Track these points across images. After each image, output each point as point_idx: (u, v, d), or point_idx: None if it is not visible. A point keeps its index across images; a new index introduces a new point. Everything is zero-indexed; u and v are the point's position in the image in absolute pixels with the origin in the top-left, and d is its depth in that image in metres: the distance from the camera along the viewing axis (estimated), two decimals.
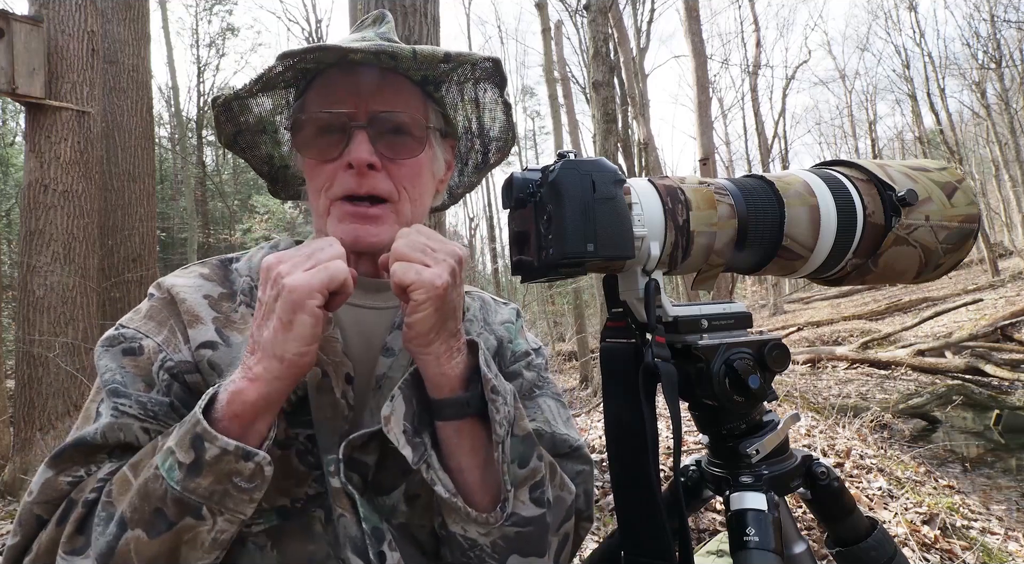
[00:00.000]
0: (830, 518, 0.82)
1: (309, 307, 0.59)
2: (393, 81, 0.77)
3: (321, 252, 0.63)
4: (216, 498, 0.59)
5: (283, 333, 0.60)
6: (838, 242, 0.78)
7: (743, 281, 24.85)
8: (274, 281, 0.61)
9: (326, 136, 0.75)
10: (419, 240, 0.66)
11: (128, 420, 0.68)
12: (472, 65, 0.79)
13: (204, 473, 0.58)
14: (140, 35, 6.29)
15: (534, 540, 0.72)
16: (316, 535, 0.71)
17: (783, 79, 43.91)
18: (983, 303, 12.46)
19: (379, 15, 0.86)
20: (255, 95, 0.81)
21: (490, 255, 22.08)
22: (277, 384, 0.61)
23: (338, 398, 0.72)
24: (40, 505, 0.65)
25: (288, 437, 0.71)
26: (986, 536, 3.11)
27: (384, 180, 0.75)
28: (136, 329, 0.74)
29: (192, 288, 0.77)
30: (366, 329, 0.81)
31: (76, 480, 0.66)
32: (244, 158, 0.90)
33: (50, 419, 4.46)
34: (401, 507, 0.75)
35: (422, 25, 2.93)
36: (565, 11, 19.48)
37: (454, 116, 0.87)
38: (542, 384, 0.90)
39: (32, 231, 4.63)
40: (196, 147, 21.49)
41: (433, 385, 0.69)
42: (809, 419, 4.91)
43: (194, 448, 0.58)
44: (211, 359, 0.72)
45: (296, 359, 0.60)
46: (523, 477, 0.71)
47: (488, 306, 0.94)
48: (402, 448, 0.66)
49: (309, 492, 0.72)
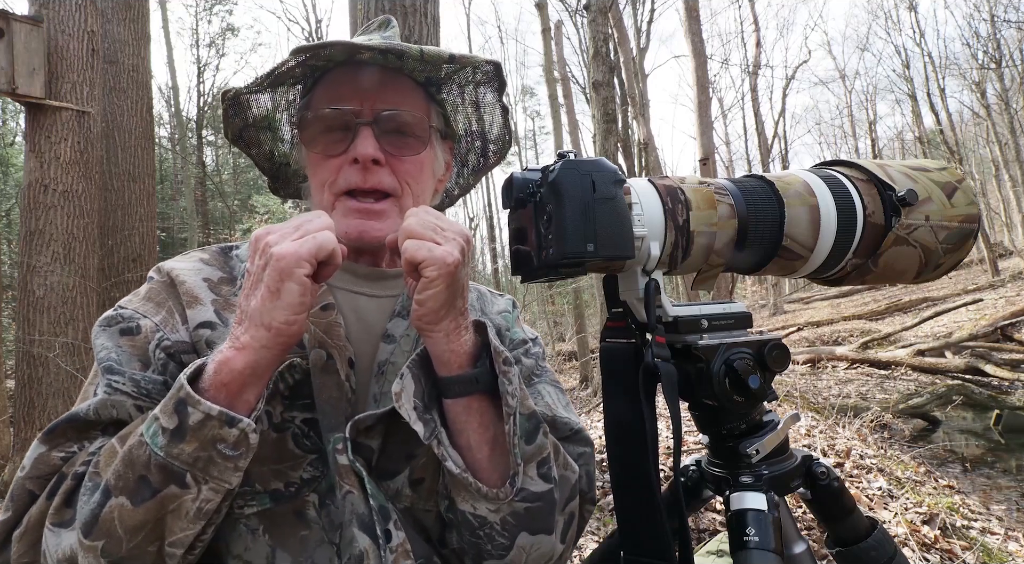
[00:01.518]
0: (830, 518, 0.82)
1: (297, 275, 0.59)
2: (397, 81, 0.79)
3: (309, 223, 0.63)
4: (200, 465, 0.59)
5: (271, 301, 0.60)
6: (838, 242, 0.78)
7: (743, 281, 24.84)
8: (262, 251, 0.61)
9: (332, 132, 0.77)
10: (429, 219, 0.66)
11: (121, 397, 0.68)
12: (474, 67, 0.81)
13: (188, 438, 0.58)
14: (140, 35, 6.29)
15: (542, 516, 0.73)
16: (309, 519, 0.71)
17: (783, 79, 43.90)
18: (983, 303, 12.45)
19: (384, 20, 0.88)
20: (264, 90, 0.83)
21: (490, 255, 22.07)
22: (264, 353, 0.61)
23: (343, 379, 0.73)
24: (32, 480, 0.65)
25: (284, 420, 0.72)
26: (986, 536, 3.11)
27: (388, 175, 0.77)
28: (134, 310, 0.74)
29: (192, 271, 0.78)
30: (366, 317, 0.81)
31: (68, 455, 0.66)
32: (248, 154, 0.91)
33: (50, 419, 4.45)
34: (405, 491, 0.76)
35: (422, 25, 2.93)
36: (565, 11, 19.50)
37: (454, 118, 0.89)
38: (540, 372, 0.91)
39: (32, 231, 4.63)
40: (196, 147, 21.48)
41: (441, 362, 0.69)
42: (809, 419, 4.92)
43: (177, 413, 0.58)
44: (209, 339, 0.73)
45: (283, 327, 0.60)
46: (530, 453, 0.72)
47: (485, 298, 0.96)
48: (414, 424, 0.67)
49: (304, 475, 0.72)
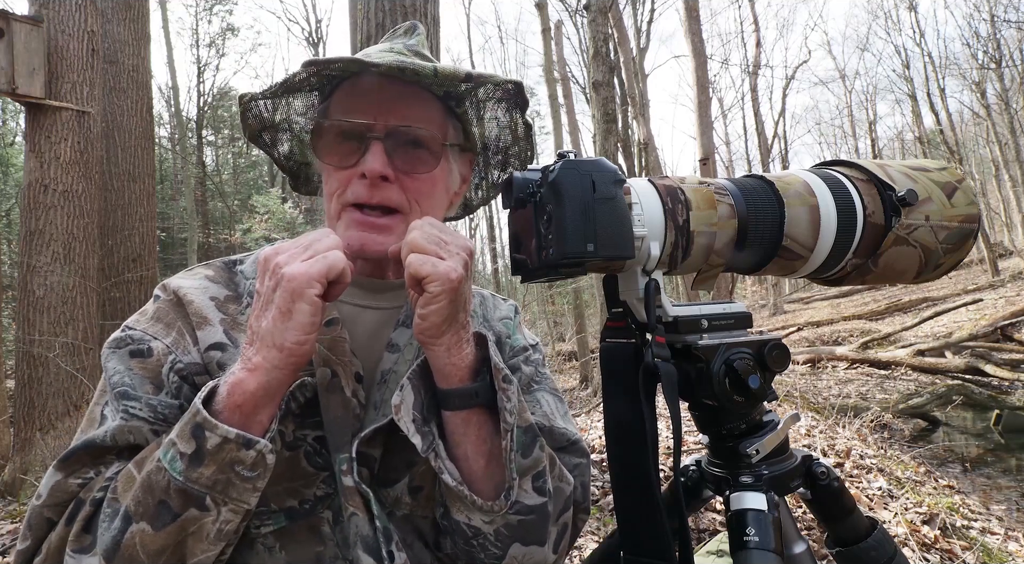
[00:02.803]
0: (830, 518, 0.82)
1: (308, 296, 0.59)
2: (415, 94, 0.78)
3: (319, 243, 0.63)
4: (219, 487, 0.59)
5: (282, 322, 0.60)
6: (838, 242, 0.78)
7: (743, 281, 24.84)
8: (272, 271, 0.62)
9: (344, 143, 0.77)
10: (433, 232, 0.66)
11: (138, 423, 0.68)
12: (495, 86, 0.80)
13: (206, 462, 0.58)
14: (140, 35, 6.29)
15: (535, 528, 0.73)
16: (324, 536, 0.71)
17: (783, 79, 43.95)
18: (983, 303, 12.44)
19: (411, 27, 0.88)
20: (280, 96, 0.83)
21: (490, 255, 22.06)
22: (277, 373, 0.61)
23: (349, 396, 0.73)
24: (50, 508, 0.65)
25: (296, 438, 0.72)
26: (986, 536, 3.11)
27: (396, 192, 0.77)
28: (144, 331, 0.74)
29: (198, 290, 0.77)
30: (369, 329, 0.81)
31: (85, 481, 0.66)
32: (268, 153, 0.91)
33: (50, 419, 4.46)
34: (405, 499, 0.76)
35: (422, 25, 2.93)
36: (565, 11, 19.51)
37: (474, 131, 0.87)
38: (540, 379, 0.91)
39: (32, 231, 4.63)
40: (196, 147, 21.48)
41: (442, 375, 0.69)
42: (809, 419, 4.91)
43: (195, 438, 0.59)
44: (220, 360, 0.72)
45: (295, 347, 0.60)
46: (526, 467, 0.72)
47: (487, 302, 0.95)
48: (412, 436, 0.67)
49: (317, 493, 0.72)
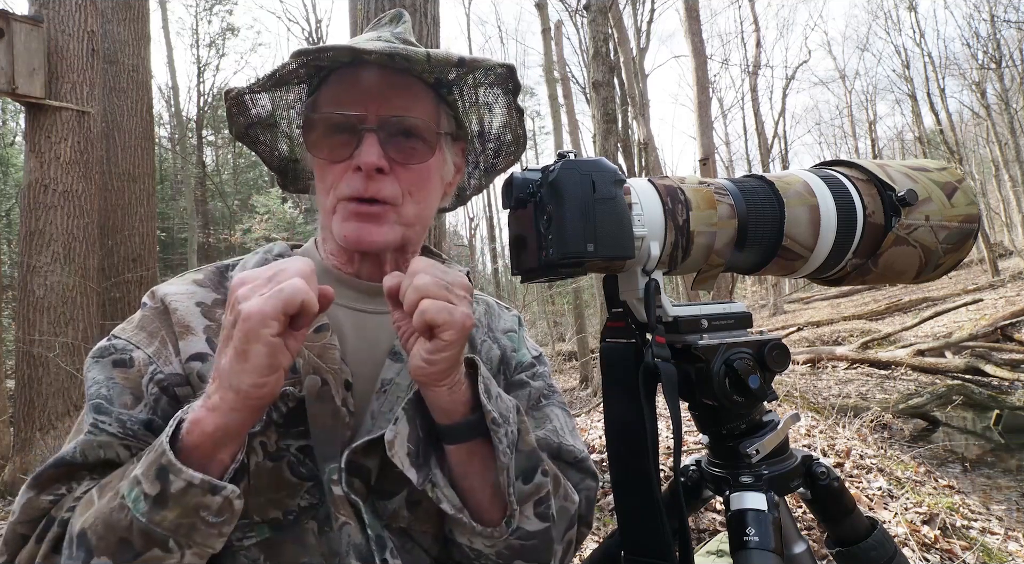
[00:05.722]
0: (830, 518, 0.82)
1: (263, 337, 0.55)
2: (406, 83, 0.77)
3: (283, 273, 0.58)
4: (183, 531, 0.57)
5: (238, 363, 0.56)
6: (838, 242, 0.78)
7: (743, 281, 24.84)
8: (232, 305, 0.58)
9: (336, 137, 0.75)
10: (438, 275, 0.63)
11: (107, 438, 0.66)
12: (486, 70, 0.77)
13: (170, 506, 0.56)
14: (140, 35, 6.29)
15: (538, 551, 0.73)
16: (309, 547, 0.70)
17: (783, 79, 43.94)
18: (983, 303, 12.43)
19: (396, 14, 0.85)
20: (268, 90, 0.81)
21: (490, 255, 22.08)
22: (235, 415, 0.58)
23: (339, 406, 0.71)
24: (23, 524, 0.64)
25: (280, 449, 0.70)
26: (986, 536, 3.11)
27: (391, 184, 0.75)
28: (127, 340, 0.72)
29: (185, 295, 0.76)
30: (369, 333, 0.80)
31: (57, 498, 0.65)
32: (255, 151, 0.89)
33: (50, 419, 4.47)
34: (403, 512, 0.75)
35: (422, 25, 2.93)
36: (565, 11, 19.46)
37: (466, 119, 0.86)
38: (549, 394, 0.90)
39: (32, 231, 4.63)
40: (196, 147, 21.47)
41: (443, 413, 0.68)
42: (809, 419, 4.91)
43: (159, 480, 0.56)
44: (200, 371, 0.71)
45: (252, 390, 0.56)
46: (528, 493, 0.71)
47: (492, 311, 0.94)
48: (407, 470, 0.66)
49: (302, 503, 0.70)
